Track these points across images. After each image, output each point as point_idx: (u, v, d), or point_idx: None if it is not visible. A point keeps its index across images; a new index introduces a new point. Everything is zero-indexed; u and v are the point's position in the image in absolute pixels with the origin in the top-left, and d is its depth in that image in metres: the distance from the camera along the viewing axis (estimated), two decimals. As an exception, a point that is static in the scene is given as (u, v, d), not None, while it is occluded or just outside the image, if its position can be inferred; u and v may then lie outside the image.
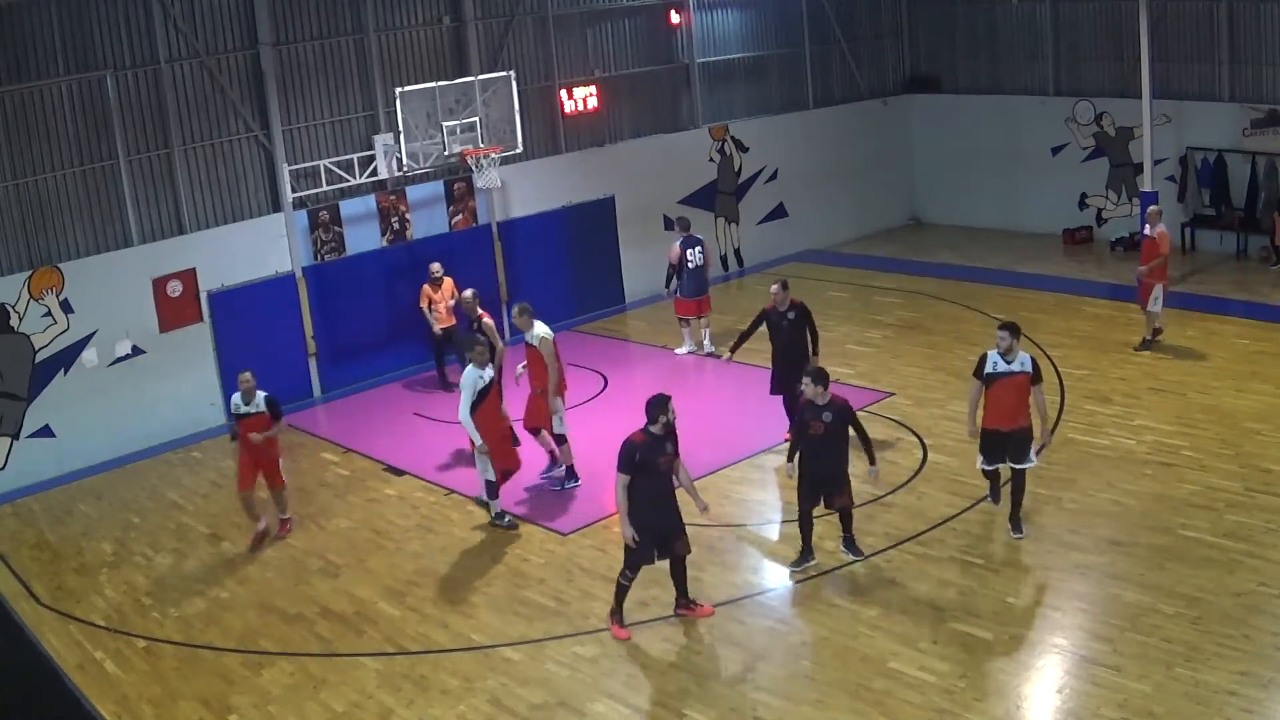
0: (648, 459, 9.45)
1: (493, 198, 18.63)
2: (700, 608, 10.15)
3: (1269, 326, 16.08)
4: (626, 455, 9.49)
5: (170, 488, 14.48)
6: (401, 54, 17.97)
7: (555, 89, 19.65)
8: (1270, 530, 10.57)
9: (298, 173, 16.92)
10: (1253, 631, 9.00)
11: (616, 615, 9.99)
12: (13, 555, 12.87)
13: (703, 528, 11.79)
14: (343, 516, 13.10)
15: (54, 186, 15.16)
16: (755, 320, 13.61)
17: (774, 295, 13.34)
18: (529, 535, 12.13)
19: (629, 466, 9.44)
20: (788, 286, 13.47)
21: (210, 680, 9.92)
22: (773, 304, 13.38)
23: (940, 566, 10.57)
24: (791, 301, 13.33)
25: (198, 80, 16.13)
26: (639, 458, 9.44)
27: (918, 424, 13.94)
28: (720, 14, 22.01)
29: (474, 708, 9.15)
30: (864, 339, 17.48)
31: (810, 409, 10.48)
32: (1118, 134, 21.56)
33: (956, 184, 24.03)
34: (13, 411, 14.84)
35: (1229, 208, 20.13)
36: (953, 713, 8.44)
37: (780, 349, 13.43)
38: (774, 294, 13.35)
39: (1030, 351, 11.17)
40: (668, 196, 21.14)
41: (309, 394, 17.23)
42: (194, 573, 12.06)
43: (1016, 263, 20.95)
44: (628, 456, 9.48)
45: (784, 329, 13.35)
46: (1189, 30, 20.50)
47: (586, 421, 15.23)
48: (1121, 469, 12.20)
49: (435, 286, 16.73)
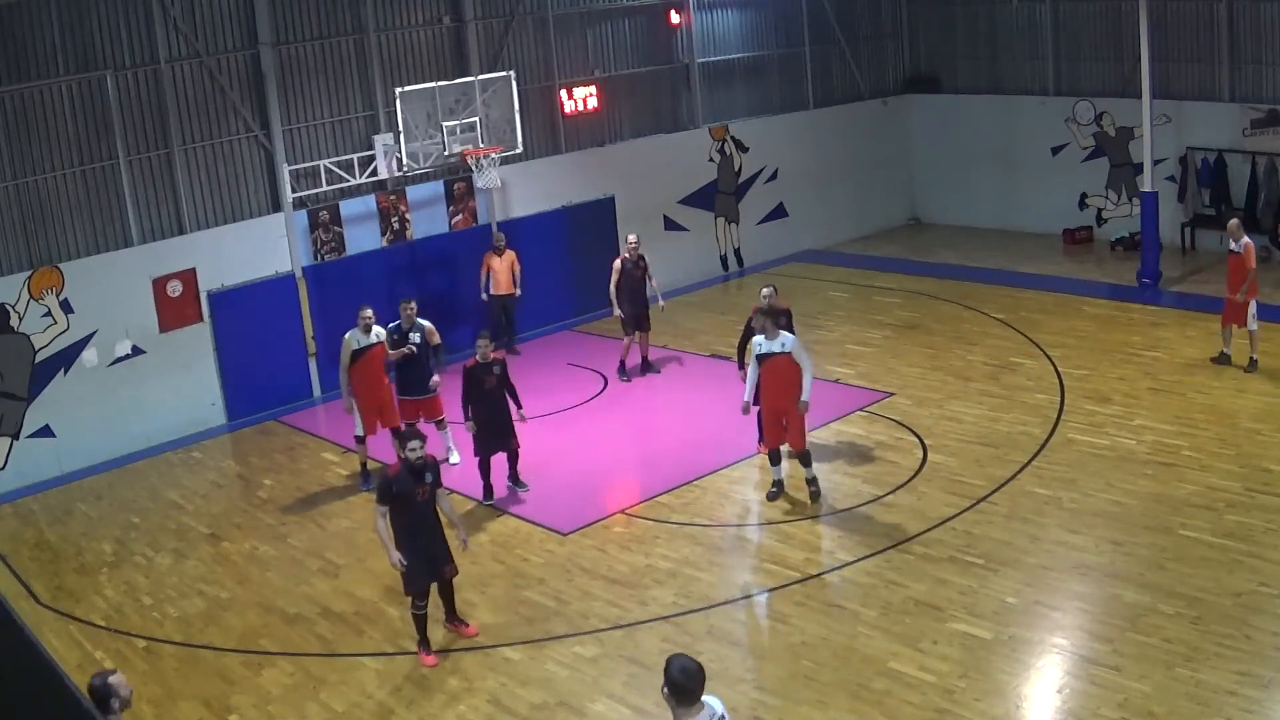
0: (404, 490, 9.60)
1: (493, 198, 18.64)
2: (468, 626, 10.24)
3: (1269, 326, 16.04)
4: (382, 488, 9.72)
5: (170, 488, 14.48)
6: (401, 54, 17.97)
7: (555, 89, 19.66)
8: (1270, 530, 10.57)
9: (298, 173, 16.92)
10: (1253, 631, 9.00)
11: (423, 644, 9.92)
12: (13, 555, 12.87)
13: (703, 528, 11.83)
14: (343, 516, 13.10)
15: (54, 186, 15.17)
16: (746, 329, 13.19)
17: (765, 299, 12.99)
18: (529, 535, 12.13)
19: (384, 498, 9.62)
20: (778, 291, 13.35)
21: (210, 680, 9.92)
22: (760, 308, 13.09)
23: (940, 566, 10.56)
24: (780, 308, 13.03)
25: (198, 80, 16.13)
26: (395, 490, 9.61)
27: (918, 424, 13.94)
28: (720, 14, 22.01)
29: (474, 708, 9.16)
30: (864, 339, 17.48)
31: None
32: (1118, 134, 21.56)
33: (956, 184, 24.03)
34: (13, 411, 14.84)
35: (1229, 208, 20.09)
36: (953, 713, 8.44)
37: None
38: (765, 298, 13.01)
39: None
40: (668, 196, 21.15)
41: (309, 394, 17.23)
42: (194, 573, 12.06)
43: (1016, 263, 20.95)
44: (384, 489, 9.69)
45: None
46: (1189, 30, 20.50)
47: (586, 422, 15.24)
48: (1121, 469, 12.20)
49: (498, 254, 17.64)
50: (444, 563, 9.96)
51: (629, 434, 14.95)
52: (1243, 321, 14.55)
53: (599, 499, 12.89)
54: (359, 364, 13.38)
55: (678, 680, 5.58)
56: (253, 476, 14.68)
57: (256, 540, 12.70)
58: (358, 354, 13.34)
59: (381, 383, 13.50)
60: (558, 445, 14.27)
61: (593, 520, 12.27)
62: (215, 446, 15.86)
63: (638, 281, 16.30)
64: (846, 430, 13.99)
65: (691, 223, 21.53)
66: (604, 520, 12.26)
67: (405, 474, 9.67)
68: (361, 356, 13.36)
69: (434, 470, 9.82)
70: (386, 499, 9.62)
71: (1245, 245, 14.57)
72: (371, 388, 13.44)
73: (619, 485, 13.54)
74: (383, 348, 13.39)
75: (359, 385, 13.43)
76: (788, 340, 11.82)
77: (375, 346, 13.38)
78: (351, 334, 13.35)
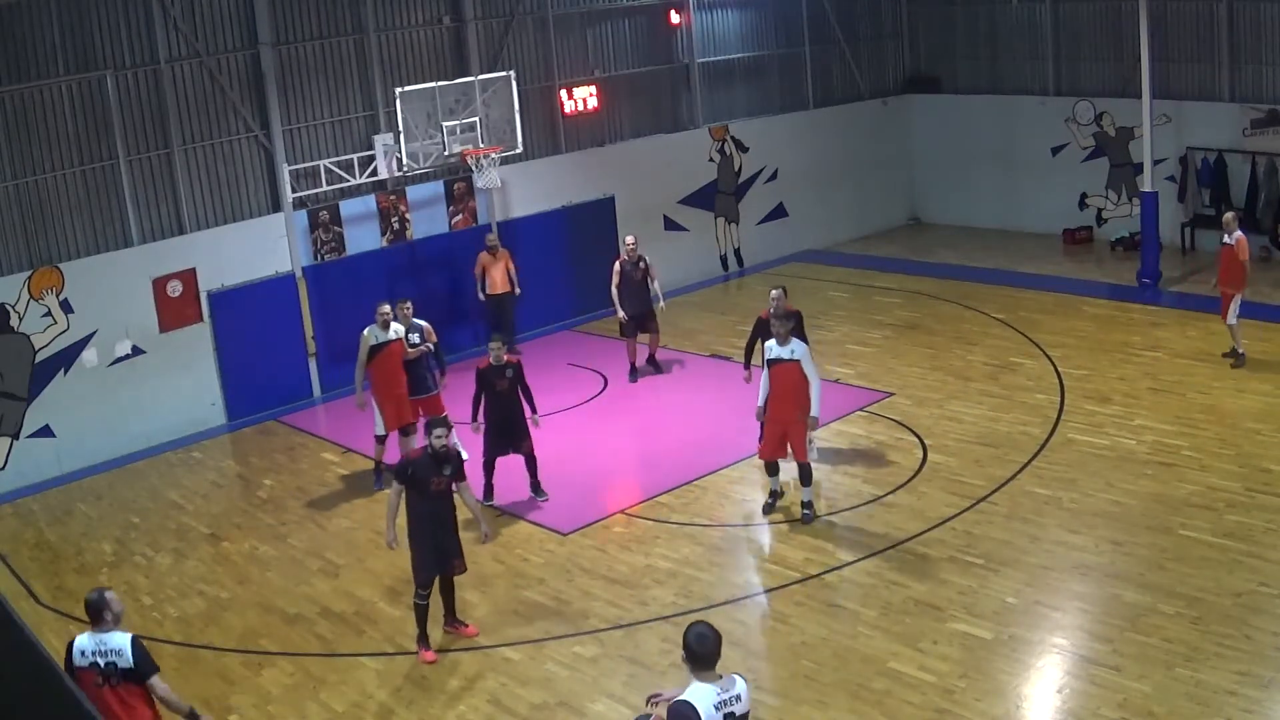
0: (420, 475, 9.69)
1: (493, 198, 18.63)
2: (467, 627, 10.26)
3: (1269, 326, 16.07)
4: (400, 467, 9.92)
5: (170, 488, 14.48)
6: (401, 54, 17.97)
7: (555, 89, 19.65)
8: (1270, 530, 10.57)
9: (298, 173, 16.92)
10: (1253, 631, 9.00)
11: (421, 640, 9.96)
12: (13, 555, 12.87)
13: (703, 528, 11.83)
14: (343, 516, 13.10)
15: (54, 186, 15.16)
16: (754, 331, 13.22)
17: (774, 301, 12.82)
18: (529, 535, 12.13)
19: (400, 477, 9.81)
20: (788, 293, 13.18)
21: (210, 680, 9.92)
22: (769, 312, 12.88)
23: (940, 566, 10.57)
24: (789, 310, 12.93)
25: (198, 80, 16.13)
26: (411, 472, 9.74)
27: (918, 424, 13.94)
28: (720, 14, 22.00)
29: (474, 708, 9.16)
30: (864, 339, 17.48)
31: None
32: (1118, 134, 21.56)
33: (956, 184, 24.02)
34: (13, 411, 14.83)
35: (1229, 208, 20.06)
36: (953, 713, 8.44)
37: None
38: (774, 300, 12.82)
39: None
40: (668, 196, 21.14)
41: (309, 394, 17.22)
42: (194, 573, 12.06)
43: (1016, 263, 20.95)
44: (401, 468, 9.90)
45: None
46: (1189, 30, 20.50)
47: (587, 422, 15.24)
48: (1121, 469, 12.20)
49: (492, 255, 17.54)
50: (453, 557, 9.97)
51: (629, 434, 14.95)
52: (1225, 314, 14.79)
53: (599, 499, 12.89)
54: (377, 360, 13.33)
55: (692, 646, 5.79)
56: (253, 476, 14.68)
57: (256, 540, 12.70)
58: (376, 350, 13.29)
59: (399, 379, 13.38)
60: (558, 445, 14.25)
61: (593, 520, 12.27)
62: (215, 446, 15.86)
63: (638, 283, 16.25)
64: (846, 430, 13.99)
65: (691, 223, 21.53)
66: (604, 520, 12.26)
67: (427, 460, 9.73)
68: (380, 353, 13.30)
69: (455, 464, 9.86)
70: (402, 479, 9.75)
71: (1238, 238, 14.76)
72: (390, 384, 13.34)
73: (619, 485, 13.54)
74: (400, 344, 13.35)
75: (378, 382, 13.41)
76: (798, 348, 11.54)
77: (393, 343, 13.34)
78: (370, 329, 13.32)
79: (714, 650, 5.79)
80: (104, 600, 7.30)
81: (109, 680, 7.18)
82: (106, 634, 7.25)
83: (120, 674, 7.20)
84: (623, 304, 16.21)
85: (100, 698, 7.07)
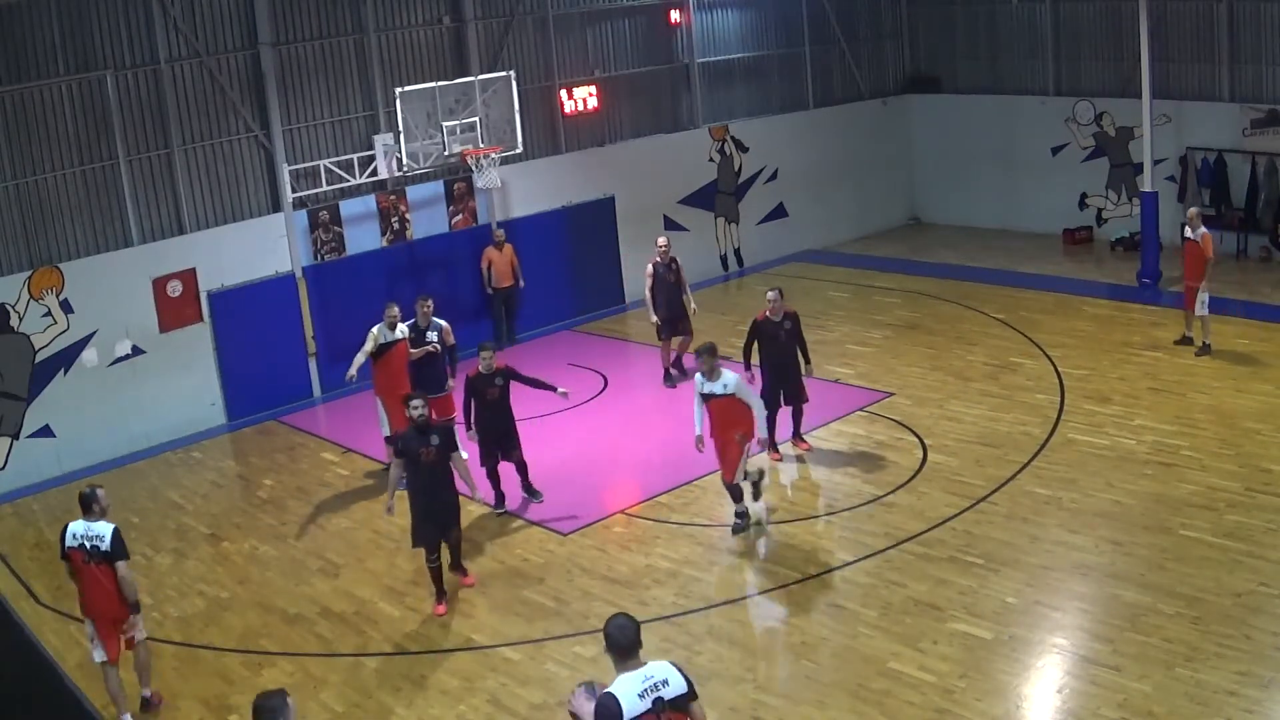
0: (409, 447, 10.51)
1: (493, 198, 18.64)
2: (467, 576, 11.12)
3: (1269, 326, 16.07)
4: (392, 439, 11.29)
5: (170, 488, 14.48)
6: (401, 54, 17.97)
7: (555, 89, 19.66)
8: (1270, 530, 10.57)
9: (298, 173, 16.92)
10: (1253, 631, 9.00)
11: (438, 596, 10.74)
12: (13, 555, 12.87)
13: (703, 528, 11.83)
14: (343, 516, 13.10)
15: (54, 186, 15.17)
16: (750, 333, 13.22)
17: (771, 303, 12.86)
18: (529, 535, 12.13)
19: (396, 450, 10.77)
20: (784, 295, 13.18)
21: (210, 680, 9.93)
22: (765, 314, 12.99)
23: (940, 566, 10.56)
24: (786, 311, 13.05)
25: (198, 80, 16.13)
26: (401, 445, 10.65)
27: (918, 424, 13.94)
28: (720, 14, 22.01)
29: (474, 708, 9.16)
30: (864, 339, 17.47)
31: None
32: (1118, 134, 21.56)
33: (956, 184, 24.03)
34: (13, 411, 14.84)
35: (1229, 208, 20.11)
36: (953, 713, 8.44)
37: (776, 362, 13.01)
38: (771, 301, 12.86)
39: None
40: (668, 196, 21.14)
41: (309, 394, 17.23)
42: (194, 573, 12.07)
43: (1016, 262, 20.94)
44: (393, 441, 11.27)
45: (780, 340, 12.95)
46: (1189, 30, 20.50)
47: (586, 422, 15.24)
48: (1121, 469, 12.20)
49: (498, 248, 18.05)
50: (450, 525, 10.75)
51: (629, 434, 14.94)
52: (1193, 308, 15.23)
53: (599, 499, 12.89)
54: (383, 360, 13.48)
55: (614, 636, 5.99)
56: (253, 476, 14.68)
57: (256, 540, 12.70)
58: (383, 349, 13.43)
59: (404, 379, 13.37)
60: (558, 445, 14.27)
61: (593, 520, 12.27)
62: (215, 446, 15.86)
63: (671, 285, 15.99)
64: (846, 430, 13.99)
65: (691, 223, 21.52)
66: (604, 520, 12.26)
67: (412, 432, 10.54)
68: (386, 352, 13.45)
69: (441, 433, 10.64)
70: (398, 452, 10.65)
71: (1203, 235, 15.25)
72: (396, 384, 13.31)
73: (619, 485, 13.53)
74: (405, 345, 13.43)
75: (383, 382, 13.59)
76: (730, 380, 11.24)
77: (399, 343, 13.43)
78: (378, 328, 13.47)
79: (634, 639, 5.96)
80: (94, 495, 9.12)
81: (92, 559, 8.93)
82: (94, 522, 8.99)
83: (100, 555, 8.92)
84: (656, 307, 16.08)
85: (86, 571, 8.99)
